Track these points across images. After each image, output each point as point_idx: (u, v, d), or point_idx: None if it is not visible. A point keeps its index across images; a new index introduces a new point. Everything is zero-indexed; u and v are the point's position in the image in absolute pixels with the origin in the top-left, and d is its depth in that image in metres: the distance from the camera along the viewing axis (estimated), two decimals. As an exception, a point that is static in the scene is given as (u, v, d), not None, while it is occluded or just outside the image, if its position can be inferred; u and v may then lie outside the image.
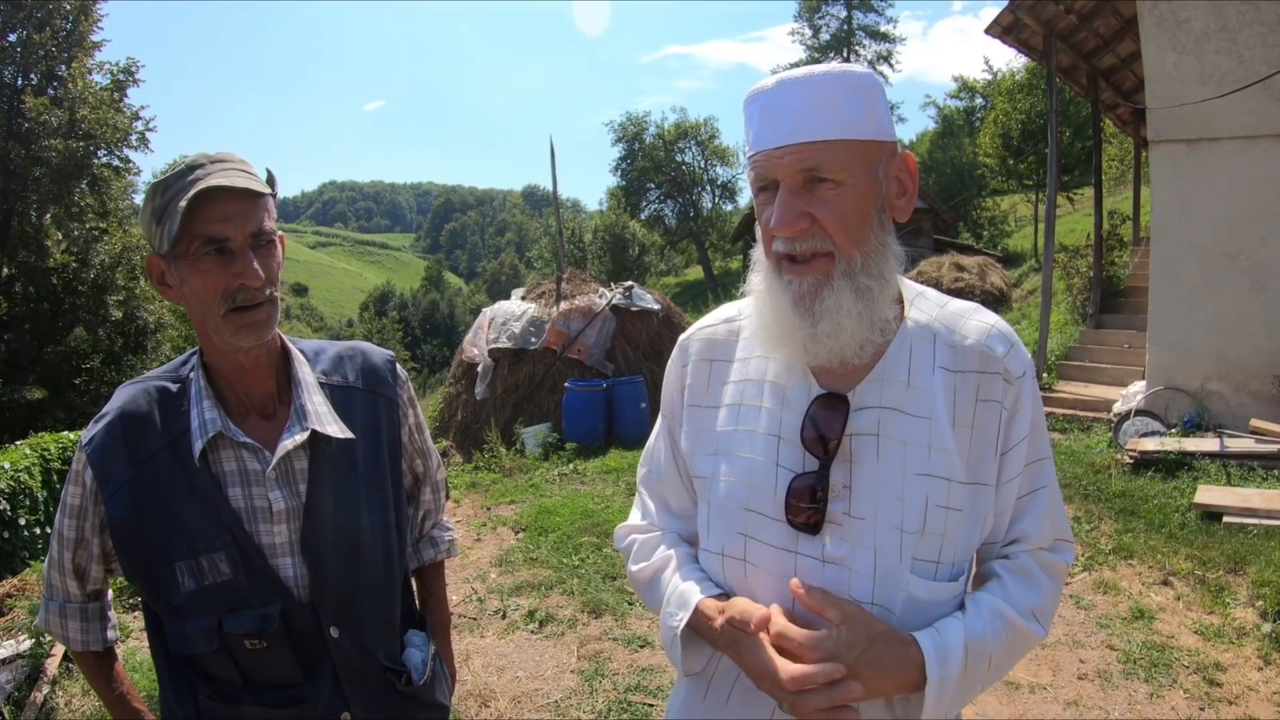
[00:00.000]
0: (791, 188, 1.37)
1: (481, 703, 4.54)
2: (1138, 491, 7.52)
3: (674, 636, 1.54)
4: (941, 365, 1.44)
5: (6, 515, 10.05)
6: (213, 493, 1.67)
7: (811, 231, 1.37)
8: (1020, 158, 32.11)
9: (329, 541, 1.75)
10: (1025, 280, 21.89)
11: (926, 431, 1.41)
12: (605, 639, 5.22)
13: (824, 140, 1.34)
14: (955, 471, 1.41)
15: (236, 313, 1.62)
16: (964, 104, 55.45)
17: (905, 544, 1.39)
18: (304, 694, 1.74)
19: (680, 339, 1.74)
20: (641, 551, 1.74)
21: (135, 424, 1.69)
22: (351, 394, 1.89)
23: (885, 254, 1.42)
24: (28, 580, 6.61)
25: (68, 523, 1.72)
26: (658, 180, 52.96)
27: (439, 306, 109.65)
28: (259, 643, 1.67)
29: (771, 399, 1.52)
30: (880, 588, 1.39)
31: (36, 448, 11.42)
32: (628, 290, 14.45)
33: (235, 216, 1.59)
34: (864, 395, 1.44)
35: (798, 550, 1.45)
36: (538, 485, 9.77)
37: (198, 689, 1.73)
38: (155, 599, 1.69)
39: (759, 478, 1.49)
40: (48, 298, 26.37)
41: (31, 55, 26.92)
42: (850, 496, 1.42)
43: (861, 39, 55.94)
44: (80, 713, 4.64)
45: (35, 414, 23.46)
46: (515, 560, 6.90)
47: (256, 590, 1.67)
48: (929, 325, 1.48)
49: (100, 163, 27.80)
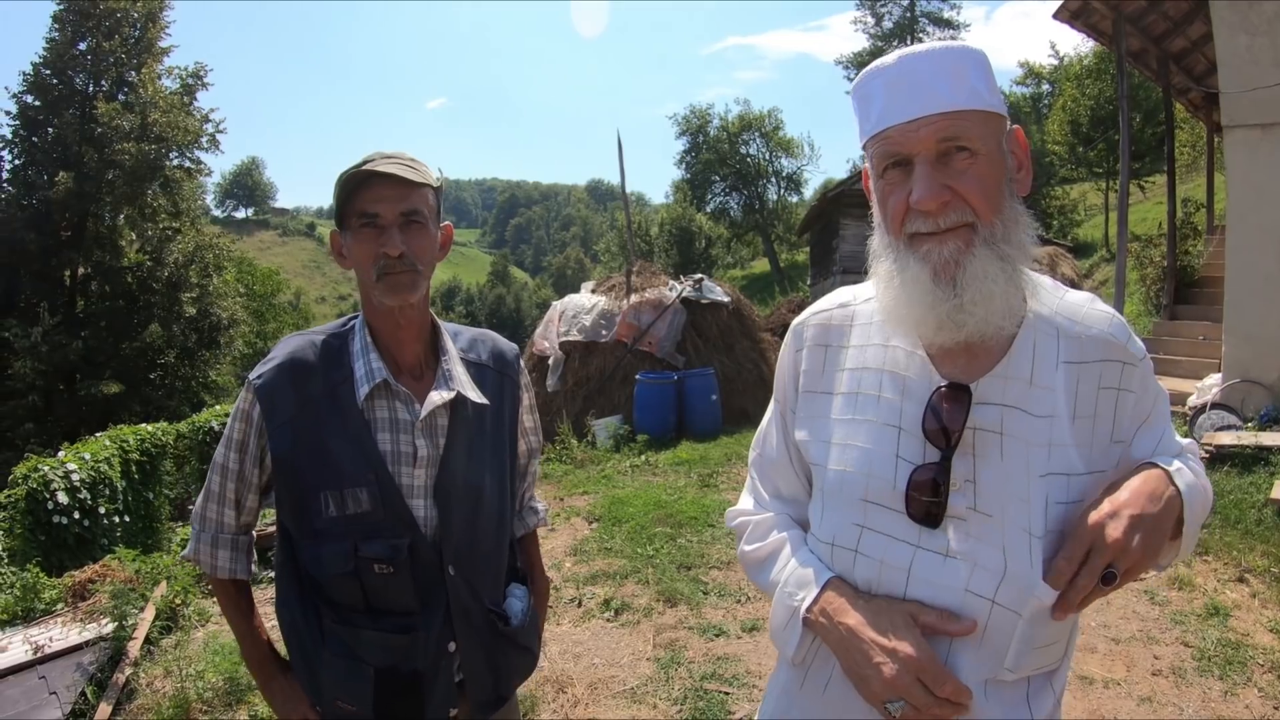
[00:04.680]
0: (930, 160, 1.35)
1: (558, 688, 4.62)
2: (1214, 487, 7.19)
3: (793, 615, 1.52)
4: (1065, 360, 1.42)
5: (87, 504, 10.33)
6: (364, 435, 1.92)
7: (953, 204, 1.35)
8: (1089, 145, 31.35)
9: (458, 490, 1.99)
10: (1096, 271, 21.45)
11: (1048, 431, 1.39)
12: (681, 628, 5.28)
13: (960, 110, 1.34)
14: (1074, 465, 1.39)
15: (385, 276, 1.89)
16: (1030, 91, 54.57)
17: (1035, 548, 1.34)
18: (418, 623, 1.96)
19: (794, 323, 1.71)
20: (755, 532, 1.72)
21: (301, 369, 1.95)
22: (484, 371, 2.16)
23: (1022, 224, 1.40)
24: (110, 566, 6.81)
25: (231, 455, 2.00)
26: (722, 173, 52.76)
27: (505, 301, 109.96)
28: (387, 568, 1.90)
29: (891, 389, 1.50)
30: (1006, 588, 1.36)
31: (116, 439, 11.76)
32: (697, 283, 14.47)
33: (387, 199, 1.88)
34: (987, 390, 1.41)
35: (919, 544, 1.43)
36: (610, 476, 9.88)
37: (323, 614, 1.97)
38: (299, 523, 1.95)
39: (878, 468, 1.47)
40: (123, 296, 27.32)
41: (102, 62, 27.93)
42: (974, 492, 1.40)
43: (924, 26, 55.34)
44: (161, 694, 4.78)
45: (112, 407, 24.23)
46: (590, 550, 7.01)
47: (390, 523, 1.91)
48: (1051, 318, 1.45)
49: (172, 164, 28.93)
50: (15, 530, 9.63)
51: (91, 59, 28.04)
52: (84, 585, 6.62)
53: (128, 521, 11.28)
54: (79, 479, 10.36)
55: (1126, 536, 1.28)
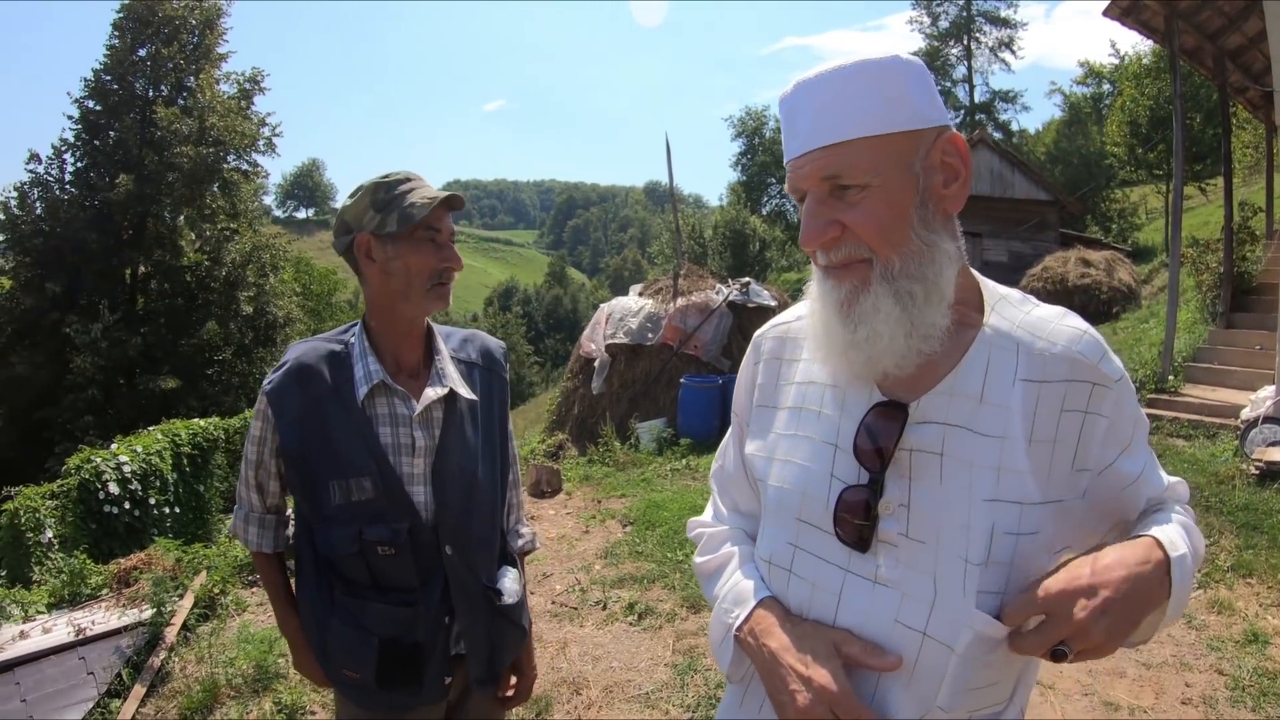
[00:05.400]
0: (818, 196, 1.31)
1: (574, 690, 4.64)
2: (1262, 505, 7.03)
3: (726, 634, 1.50)
4: (1023, 377, 1.31)
5: (138, 495, 10.61)
6: (366, 430, 2.11)
7: (844, 239, 1.30)
8: (1149, 146, 30.48)
9: (453, 476, 2.18)
10: (1155, 276, 20.94)
11: (997, 452, 1.29)
12: (701, 634, 5.24)
13: (841, 142, 1.26)
14: (1028, 493, 1.28)
15: (439, 286, 2.15)
16: (1090, 90, 53.35)
17: (970, 576, 1.27)
18: (419, 598, 2.15)
19: (755, 335, 1.69)
20: (709, 544, 1.71)
21: (306, 372, 2.14)
22: (473, 369, 2.34)
23: (931, 255, 1.30)
24: (153, 555, 7.02)
25: (251, 449, 2.24)
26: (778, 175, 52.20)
27: (562, 302, 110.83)
28: (389, 549, 2.08)
29: (831, 404, 1.45)
30: (937, 619, 1.29)
31: (168, 433, 12.05)
32: (744, 286, 14.42)
33: (445, 218, 2.16)
34: (929, 408, 1.34)
35: (849, 569, 1.38)
36: (649, 480, 9.88)
37: (334, 587, 2.17)
38: (311, 510, 2.15)
39: (813, 487, 1.42)
40: (182, 294, 28.07)
41: (161, 68, 28.81)
42: (908, 517, 1.32)
43: (981, 25, 54.55)
44: (193, 678, 4.92)
45: (170, 402, 24.83)
46: (620, 553, 7.01)
47: (392, 509, 2.10)
48: (1010, 333, 1.35)
49: (230, 167, 29.64)
50: (67, 518, 9.95)
51: (151, 65, 28.95)
52: (128, 572, 6.80)
53: (178, 513, 11.57)
54: (130, 470, 10.66)
55: (1092, 620, 1.17)
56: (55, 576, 7.18)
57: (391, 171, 2.17)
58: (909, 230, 1.29)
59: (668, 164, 16.50)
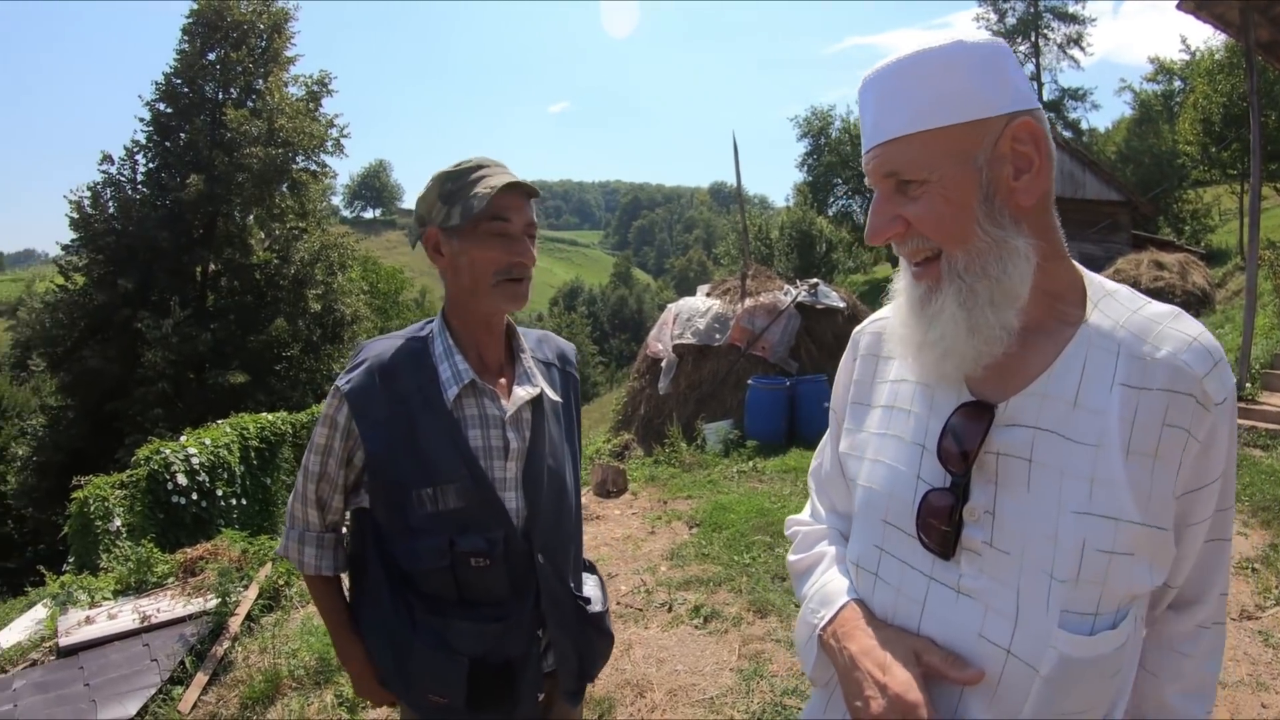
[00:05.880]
0: (883, 192, 1.28)
1: (638, 693, 4.55)
2: None
3: (811, 634, 1.46)
4: (1122, 381, 1.21)
5: (205, 486, 10.88)
6: (455, 433, 1.97)
7: (910, 234, 1.27)
8: (1223, 144, 29.83)
9: (544, 480, 2.07)
10: (1230, 279, 20.51)
11: (1090, 461, 1.19)
12: (768, 639, 5.15)
13: (896, 139, 1.23)
14: (1124, 509, 1.18)
15: (508, 283, 1.99)
16: (1161, 87, 52.21)
17: (1055, 593, 1.19)
18: (510, 611, 2.01)
19: (854, 331, 1.65)
20: (803, 543, 1.68)
21: (388, 371, 2.00)
22: (551, 369, 2.24)
23: (999, 251, 1.22)
24: (219, 545, 7.13)
25: (314, 459, 2.05)
26: (844, 175, 52.07)
27: (627, 302, 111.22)
28: (484, 561, 1.95)
29: (921, 403, 1.39)
30: (1021, 636, 1.22)
31: (236, 427, 12.35)
32: (812, 287, 14.27)
33: (518, 208, 1.98)
34: (1019, 410, 1.26)
35: (932, 575, 1.32)
36: (716, 481, 9.74)
37: (414, 607, 2.00)
38: (393, 521, 2.00)
39: (900, 489, 1.37)
40: (251, 291, 28.66)
41: (230, 71, 29.56)
42: (993, 525, 1.26)
43: (1049, 21, 53.98)
44: (255, 668, 4.94)
45: (238, 397, 25.42)
46: (686, 555, 6.90)
47: (484, 517, 1.97)
48: (1112, 333, 1.25)
49: (298, 168, 30.37)
50: (136, 508, 10.20)
51: (220, 69, 29.64)
52: (194, 562, 6.92)
53: (244, 505, 11.81)
54: (198, 462, 10.91)
55: None
56: (122, 564, 7.31)
57: (464, 159, 2.02)
58: (973, 225, 1.23)
59: (735, 165, 16.37)
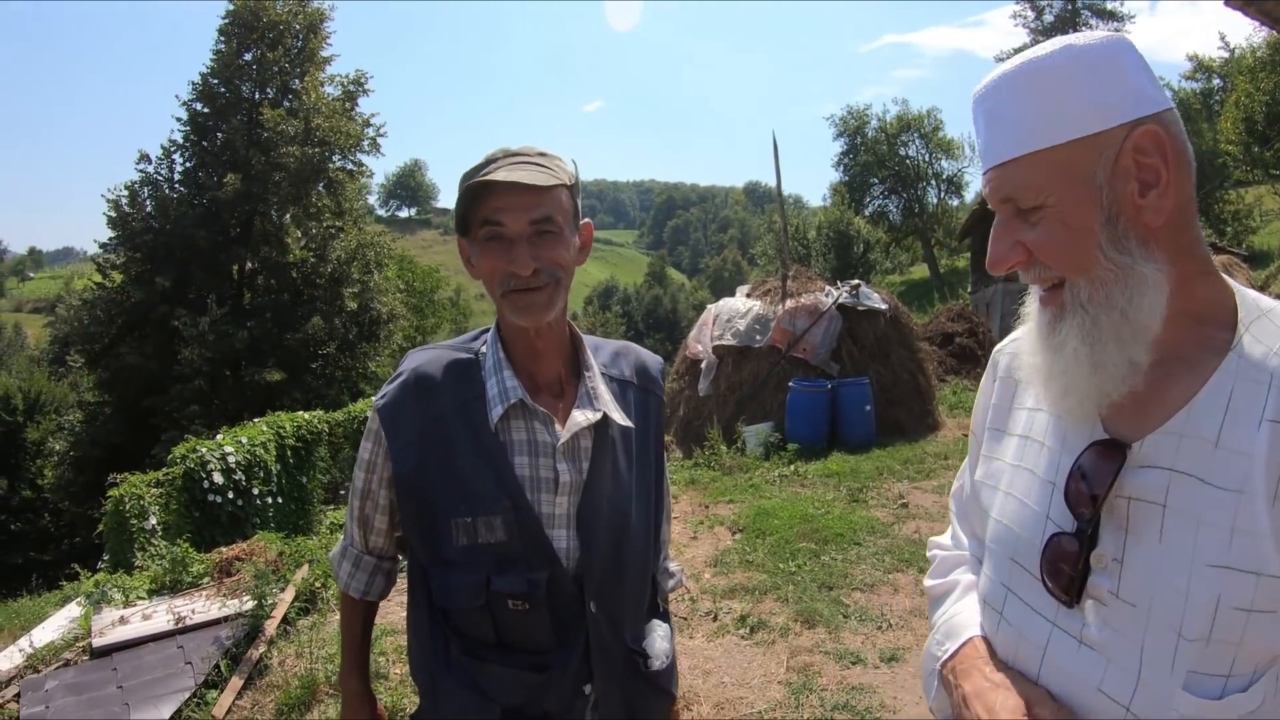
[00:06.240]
0: (1003, 219, 1.19)
1: (684, 705, 4.43)
2: None
3: (934, 667, 1.39)
4: (1272, 418, 1.05)
5: (241, 485, 10.90)
6: (499, 459, 1.75)
7: (1032, 263, 1.18)
8: (1266, 144, 29.55)
9: (603, 518, 1.81)
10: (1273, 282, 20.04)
11: (1232, 509, 1.05)
12: (816, 651, 5.01)
13: (1006, 162, 1.14)
14: (1266, 562, 1.03)
15: (514, 294, 1.72)
16: (1200, 85, 51.56)
17: (1181, 652, 1.07)
18: (553, 661, 1.78)
19: (994, 350, 1.53)
20: (940, 567, 1.60)
21: (427, 386, 1.80)
22: (627, 388, 1.97)
23: (1124, 280, 1.10)
24: (256, 546, 7.11)
25: (360, 475, 1.88)
26: (881, 175, 52.12)
27: (661, 302, 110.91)
28: (522, 604, 1.73)
29: (1054, 437, 1.28)
30: (1142, 696, 1.10)
31: (273, 425, 12.40)
32: (854, 289, 14.05)
33: (512, 208, 1.68)
34: (1154, 450, 1.12)
35: (1055, 621, 1.22)
36: (757, 485, 9.61)
37: (450, 644, 1.80)
38: (426, 551, 1.79)
39: (1028, 528, 1.27)
40: (288, 289, 28.98)
41: (266, 71, 29.95)
42: (1120, 574, 1.14)
43: (1087, 19, 53.43)
44: (291, 672, 4.86)
45: (274, 394, 25.65)
46: (730, 561, 6.78)
47: (527, 555, 1.74)
48: (1264, 361, 1.09)
49: (335, 167, 30.69)
50: (171, 506, 10.23)
51: (256, 69, 30.02)
52: (230, 562, 6.89)
53: (280, 503, 11.82)
54: (234, 461, 10.93)
55: None
56: (157, 563, 7.30)
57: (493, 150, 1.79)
58: (1095, 252, 1.12)
59: (775, 165, 16.14)
